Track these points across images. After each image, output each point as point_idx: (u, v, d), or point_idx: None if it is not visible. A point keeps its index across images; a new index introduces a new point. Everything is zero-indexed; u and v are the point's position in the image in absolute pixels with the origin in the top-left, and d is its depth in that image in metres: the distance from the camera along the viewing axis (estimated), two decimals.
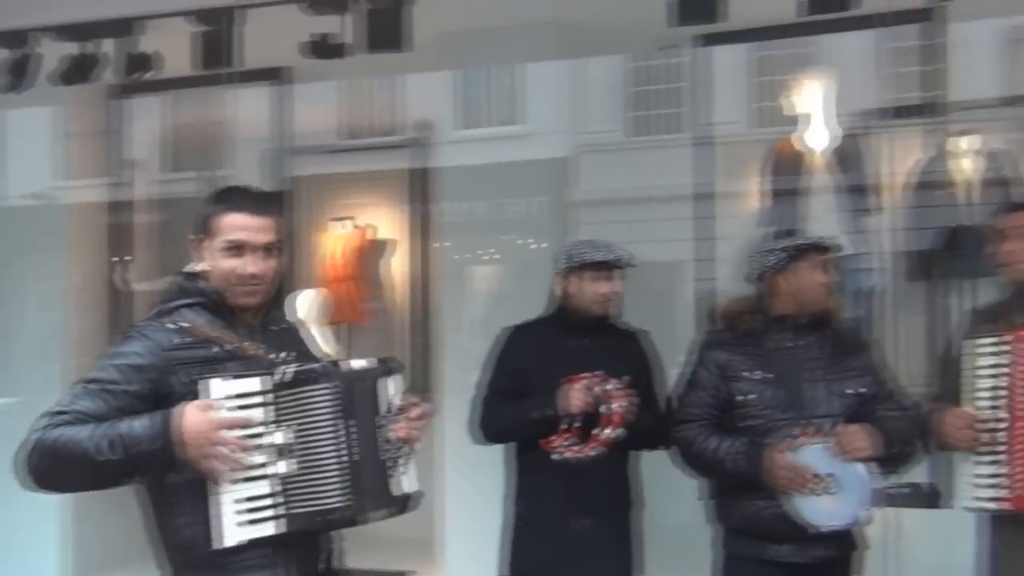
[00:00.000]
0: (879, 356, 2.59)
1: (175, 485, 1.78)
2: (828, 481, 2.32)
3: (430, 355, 4.86)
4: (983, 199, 3.92)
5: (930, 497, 3.57)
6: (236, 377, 1.77)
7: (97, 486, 1.76)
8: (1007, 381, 2.17)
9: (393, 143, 5.58)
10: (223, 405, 1.74)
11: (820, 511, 2.33)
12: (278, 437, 1.77)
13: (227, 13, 4.02)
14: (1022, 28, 4.38)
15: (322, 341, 2.18)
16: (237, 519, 1.74)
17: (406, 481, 1.85)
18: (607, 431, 2.53)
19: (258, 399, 1.77)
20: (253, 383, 1.77)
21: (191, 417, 1.70)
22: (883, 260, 4.06)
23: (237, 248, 1.86)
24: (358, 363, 1.85)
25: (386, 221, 5.38)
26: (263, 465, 1.75)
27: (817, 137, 4.08)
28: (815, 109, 4.11)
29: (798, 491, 2.33)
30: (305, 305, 4.04)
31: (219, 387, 1.75)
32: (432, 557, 4.22)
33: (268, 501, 1.75)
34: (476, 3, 4.00)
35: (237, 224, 1.86)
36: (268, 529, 1.75)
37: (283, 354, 1.85)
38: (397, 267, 5.25)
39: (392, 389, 1.86)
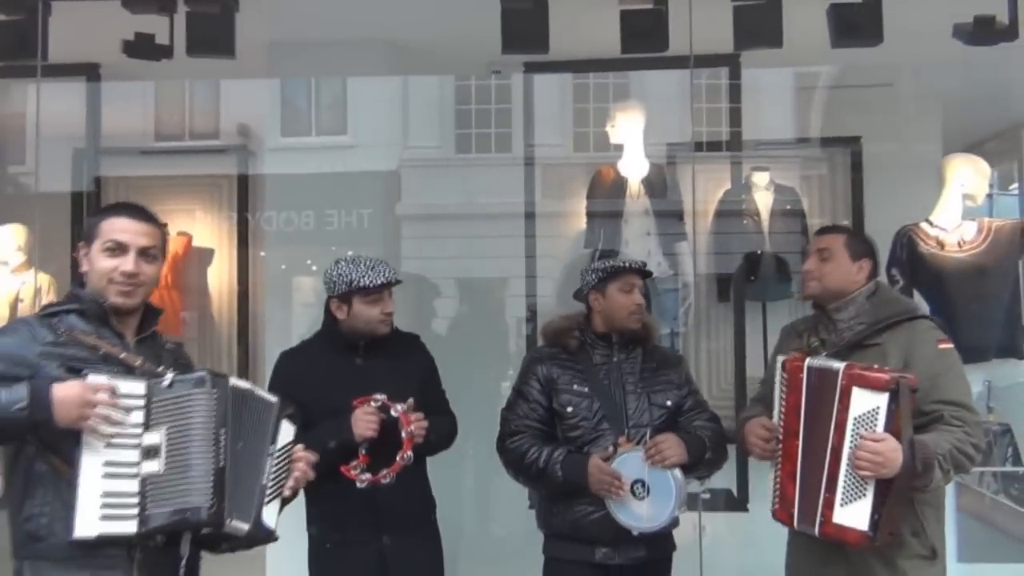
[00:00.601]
0: (688, 371, 2.82)
1: (38, 474, 1.85)
2: (644, 487, 2.51)
3: (254, 367, 4.72)
4: (775, 230, 4.35)
5: (736, 501, 3.90)
6: (112, 376, 1.83)
7: None
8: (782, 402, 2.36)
9: (214, 148, 5.38)
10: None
11: (636, 515, 2.51)
12: (149, 438, 1.81)
13: (30, 3, 3.75)
14: (804, 76, 4.88)
15: None
16: (96, 512, 1.76)
17: (271, 516, 1.95)
18: (400, 455, 2.54)
19: (134, 401, 1.82)
20: (130, 385, 1.84)
21: (65, 384, 1.79)
22: (693, 282, 4.38)
23: (116, 248, 1.95)
24: (247, 384, 1.96)
25: (206, 228, 5.17)
26: (132, 464, 1.79)
27: (633, 164, 4.34)
28: (632, 138, 4.37)
29: (616, 496, 2.49)
30: None
31: (96, 381, 1.80)
32: (254, 571, 4.10)
33: (132, 500, 1.79)
34: (307, 15, 3.97)
35: (117, 227, 1.97)
36: (127, 527, 1.78)
37: (162, 367, 1.91)
38: (219, 276, 5.06)
39: (290, 433, 2.02)
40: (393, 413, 2.55)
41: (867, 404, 2.14)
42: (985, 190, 3.78)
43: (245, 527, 1.89)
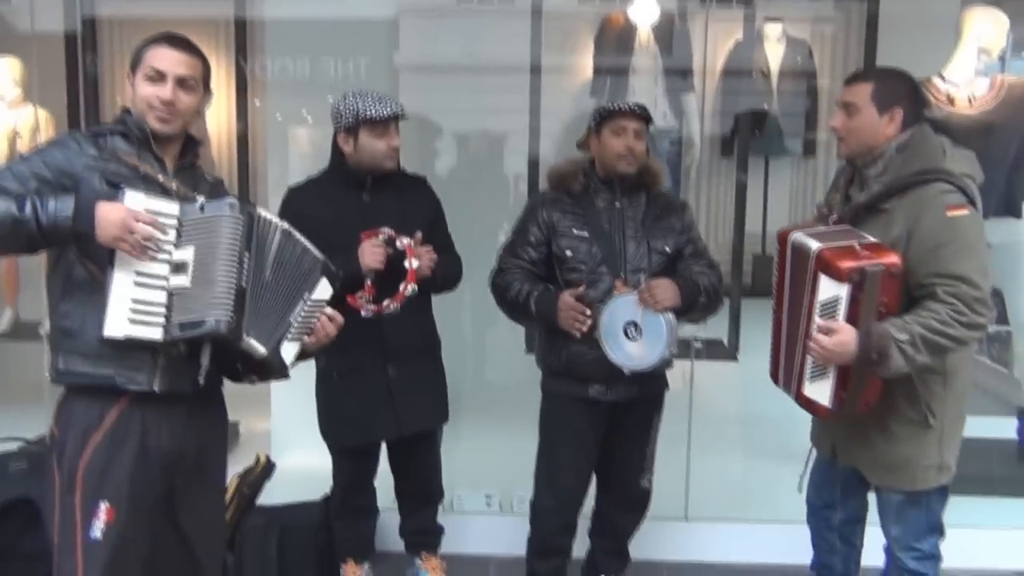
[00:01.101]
0: (691, 218, 2.83)
1: (76, 278, 1.97)
2: (637, 328, 2.56)
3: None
4: (783, 88, 4.26)
5: (727, 351, 4.02)
6: (148, 194, 1.93)
7: (9, 247, 1.92)
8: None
9: None
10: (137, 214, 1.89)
11: (628, 355, 2.59)
12: (179, 255, 1.91)
13: None
14: None
15: None
16: (125, 316, 1.88)
17: (289, 352, 2.05)
18: (404, 285, 2.58)
19: (167, 220, 1.92)
20: (164, 204, 1.94)
21: (110, 205, 1.87)
22: (699, 139, 4.34)
23: (156, 76, 2.02)
24: (285, 224, 2.07)
25: None
26: (162, 276, 1.90)
27: (643, 10, 4.22)
28: None
29: (577, 330, 2.55)
30: None
31: (134, 197, 1.89)
32: (258, 406, 4.24)
33: (159, 308, 1.90)
34: None
35: (158, 56, 2.04)
36: (153, 333, 1.89)
37: (198, 193, 2.01)
38: (217, 122, 4.99)
39: (327, 291, 2.13)
40: (399, 246, 2.59)
41: (830, 292, 2.11)
42: (1002, 44, 3.68)
43: (262, 349, 1.99)
